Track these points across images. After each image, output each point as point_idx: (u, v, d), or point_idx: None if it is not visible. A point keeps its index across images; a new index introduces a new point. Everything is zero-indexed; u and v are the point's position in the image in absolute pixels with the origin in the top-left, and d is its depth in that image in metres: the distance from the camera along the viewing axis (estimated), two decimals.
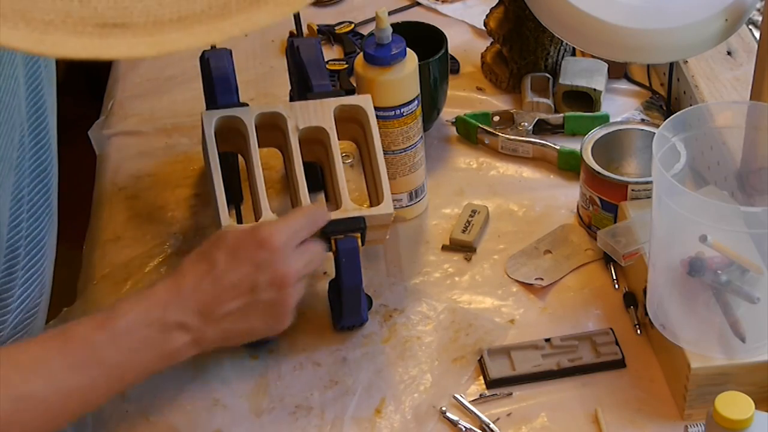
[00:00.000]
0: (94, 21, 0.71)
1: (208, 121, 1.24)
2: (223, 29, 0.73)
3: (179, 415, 1.19)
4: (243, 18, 0.73)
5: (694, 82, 1.47)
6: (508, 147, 1.48)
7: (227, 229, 1.15)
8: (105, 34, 0.71)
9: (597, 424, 1.17)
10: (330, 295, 1.29)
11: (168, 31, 0.72)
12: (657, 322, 1.18)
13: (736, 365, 1.13)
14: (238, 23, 0.73)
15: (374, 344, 1.26)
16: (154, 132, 1.54)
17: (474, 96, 1.58)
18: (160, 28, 0.72)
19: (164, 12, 0.72)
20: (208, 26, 0.72)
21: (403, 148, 1.35)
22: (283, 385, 1.22)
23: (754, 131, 1.19)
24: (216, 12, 0.73)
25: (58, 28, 0.70)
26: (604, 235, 1.24)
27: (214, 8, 0.73)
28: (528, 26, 1.51)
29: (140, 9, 0.71)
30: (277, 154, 1.31)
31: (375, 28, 1.30)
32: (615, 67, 1.55)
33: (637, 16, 1.32)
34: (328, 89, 1.30)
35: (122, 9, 0.71)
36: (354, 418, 1.19)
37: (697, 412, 1.15)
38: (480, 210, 1.39)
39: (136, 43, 0.71)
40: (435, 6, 1.74)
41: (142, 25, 0.71)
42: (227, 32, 0.73)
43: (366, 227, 1.21)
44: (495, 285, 1.32)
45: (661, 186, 1.11)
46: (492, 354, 1.23)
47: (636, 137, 1.36)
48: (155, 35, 0.72)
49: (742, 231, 1.09)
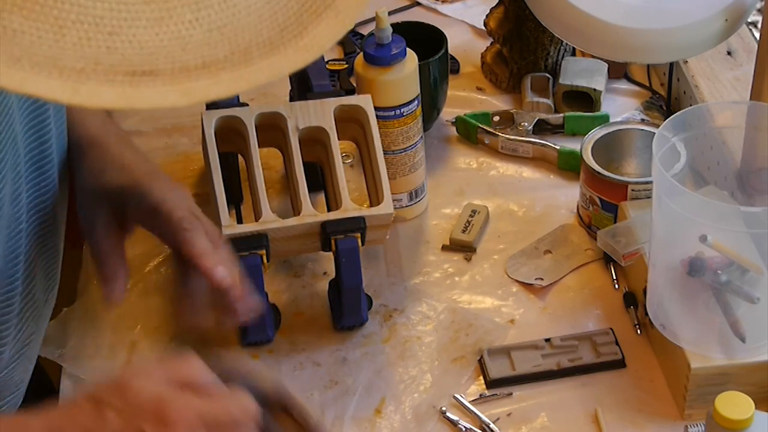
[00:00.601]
0: (123, 68, 0.71)
1: (208, 121, 1.24)
2: (249, 77, 0.73)
3: None
4: (266, 64, 0.74)
5: (694, 82, 1.47)
6: (508, 147, 1.48)
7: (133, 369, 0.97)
8: (135, 82, 0.71)
9: (597, 424, 1.17)
10: (330, 295, 1.29)
11: (195, 78, 0.72)
12: (657, 322, 1.18)
13: (736, 365, 1.13)
14: (262, 70, 0.73)
15: (374, 344, 1.26)
16: (154, 132, 1.54)
17: (474, 96, 1.58)
18: (186, 74, 0.72)
19: (188, 58, 0.72)
20: (234, 74, 0.73)
21: (403, 148, 1.35)
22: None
23: (754, 131, 1.19)
24: (239, 58, 0.73)
25: (90, 78, 0.70)
26: (604, 235, 1.24)
27: (236, 54, 0.73)
28: (528, 26, 1.51)
29: (165, 55, 0.72)
30: (277, 154, 1.31)
31: (375, 28, 1.30)
32: (615, 67, 1.55)
33: (637, 16, 1.32)
34: (328, 89, 1.30)
35: (148, 55, 0.71)
36: (354, 418, 1.19)
37: (697, 412, 1.15)
38: (480, 210, 1.39)
39: (166, 92, 0.72)
40: (435, 6, 1.74)
41: (169, 72, 0.72)
42: (253, 80, 0.73)
43: (366, 227, 1.21)
44: (495, 285, 1.32)
45: (661, 186, 1.11)
46: (492, 354, 1.23)
47: (636, 137, 1.36)
48: (184, 83, 0.72)
49: (742, 231, 1.09)
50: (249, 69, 0.73)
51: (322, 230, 1.21)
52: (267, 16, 0.74)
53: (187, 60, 0.72)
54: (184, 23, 0.72)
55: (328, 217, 1.21)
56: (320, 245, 1.23)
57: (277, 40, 0.74)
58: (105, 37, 0.71)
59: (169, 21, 0.72)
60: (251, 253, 1.19)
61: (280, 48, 0.74)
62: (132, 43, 0.71)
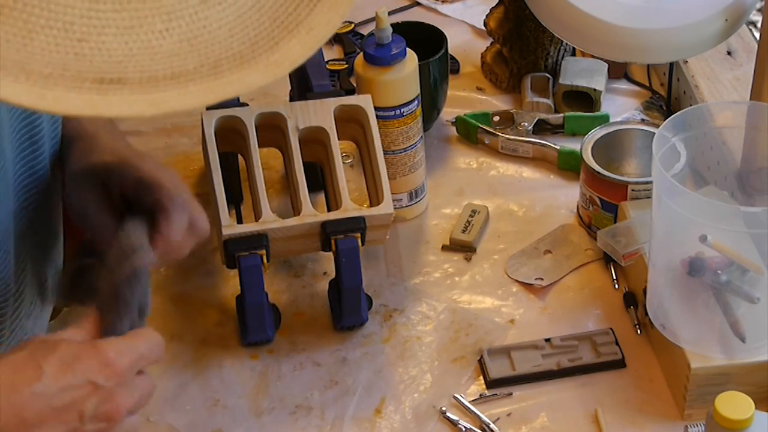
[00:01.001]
0: (91, 75, 0.71)
1: (208, 121, 1.24)
2: (217, 90, 0.73)
3: (179, 415, 1.19)
4: (236, 78, 0.73)
5: (694, 82, 1.47)
6: (508, 147, 1.48)
7: (68, 336, 0.92)
8: (103, 90, 0.71)
9: (597, 424, 1.17)
10: (330, 295, 1.29)
11: (163, 88, 0.72)
12: (657, 322, 1.18)
13: (736, 365, 1.13)
14: (231, 83, 0.73)
15: (374, 344, 1.26)
16: (154, 132, 1.54)
17: (474, 96, 1.58)
18: (155, 84, 0.72)
19: (157, 68, 0.72)
20: (203, 86, 0.73)
21: (403, 148, 1.35)
22: (283, 385, 1.22)
23: (754, 131, 1.19)
24: (208, 71, 0.73)
25: (58, 83, 0.70)
26: (604, 235, 1.24)
27: (205, 66, 0.73)
28: (528, 26, 1.51)
29: (134, 64, 0.71)
30: (277, 154, 1.31)
31: (375, 28, 1.30)
32: (615, 67, 1.55)
33: (637, 16, 1.32)
34: (328, 89, 1.30)
35: (116, 63, 0.71)
36: (354, 418, 1.19)
37: (697, 412, 1.15)
38: (480, 210, 1.39)
39: (134, 101, 0.71)
40: (435, 6, 1.74)
41: (137, 81, 0.71)
42: (222, 93, 0.73)
43: (366, 227, 1.21)
44: (495, 285, 1.32)
45: (661, 186, 1.11)
46: (492, 354, 1.23)
47: (636, 137, 1.36)
48: (152, 93, 0.72)
49: (742, 231, 1.09)
50: (218, 81, 0.73)
51: (322, 230, 1.21)
52: (238, 30, 0.74)
53: (156, 70, 0.72)
54: (155, 33, 0.72)
55: (328, 217, 1.21)
56: (320, 245, 1.23)
57: (248, 54, 0.74)
58: (74, 43, 0.70)
59: (139, 30, 0.71)
60: (251, 253, 1.19)
61: (250, 62, 0.74)
62: (101, 50, 0.71)
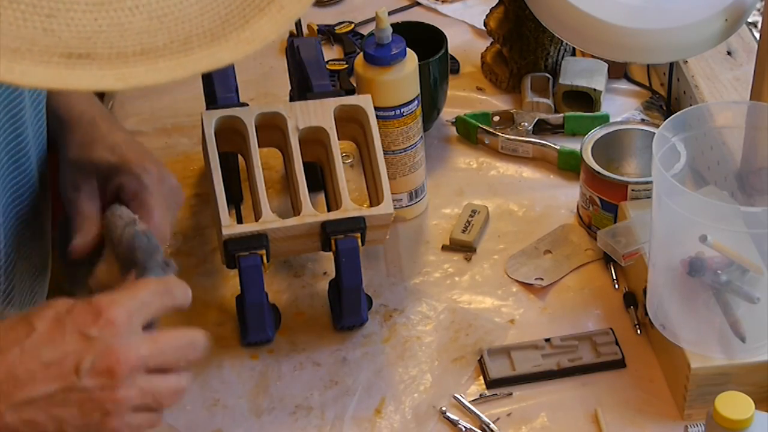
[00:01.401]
0: (59, 50, 0.71)
1: (208, 121, 1.24)
2: (187, 65, 0.73)
3: (179, 415, 1.19)
4: (206, 54, 0.74)
5: (694, 82, 1.47)
6: (508, 147, 1.48)
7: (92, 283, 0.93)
8: (71, 64, 0.71)
9: (597, 424, 1.17)
10: (330, 295, 1.29)
11: (132, 64, 0.72)
12: (657, 322, 1.18)
13: (736, 365, 1.13)
14: (201, 59, 0.73)
15: (374, 344, 1.26)
16: (154, 132, 1.54)
17: (474, 96, 1.58)
18: (124, 60, 0.72)
19: (126, 44, 0.72)
20: (172, 62, 0.73)
21: (403, 148, 1.35)
22: (283, 385, 1.22)
23: (754, 131, 1.19)
24: (178, 47, 0.73)
25: (25, 57, 0.70)
26: (604, 235, 1.24)
27: (175, 43, 0.73)
28: (528, 26, 1.51)
29: (103, 40, 0.72)
30: (277, 154, 1.31)
31: (375, 28, 1.30)
32: (615, 67, 1.55)
33: (637, 16, 1.32)
34: (328, 89, 1.30)
35: (85, 39, 0.71)
36: (354, 418, 1.19)
37: (697, 412, 1.15)
38: (480, 210, 1.39)
39: (102, 76, 0.72)
40: (435, 6, 1.74)
41: (106, 56, 0.72)
42: (191, 69, 0.73)
43: (366, 227, 1.21)
44: (495, 285, 1.32)
45: (661, 186, 1.11)
46: (492, 354, 1.23)
47: (636, 137, 1.36)
48: (120, 68, 0.72)
49: (742, 231, 1.09)
50: (188, 58, 0.73)
51: (322, 230, 1.21)
52: (209, 8, 0.74)
53: (125, 46, 0.72)
54: (124, 10, 0.72)
55: (328, 217, 1.21)
56: (320, 245, 1.23)
57: (219, 31, 0.74)
58: (42, 18, 0.71)
59: (108, 7, 0.72)
60: (251, 253, 1.19)
61: (221, 39, 0.74)
62: (69, 26, 0.71)
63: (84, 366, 0.84)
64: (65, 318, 0.85)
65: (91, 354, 0.84)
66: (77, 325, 0.85)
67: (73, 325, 0.85)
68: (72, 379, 0.84)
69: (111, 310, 0.86)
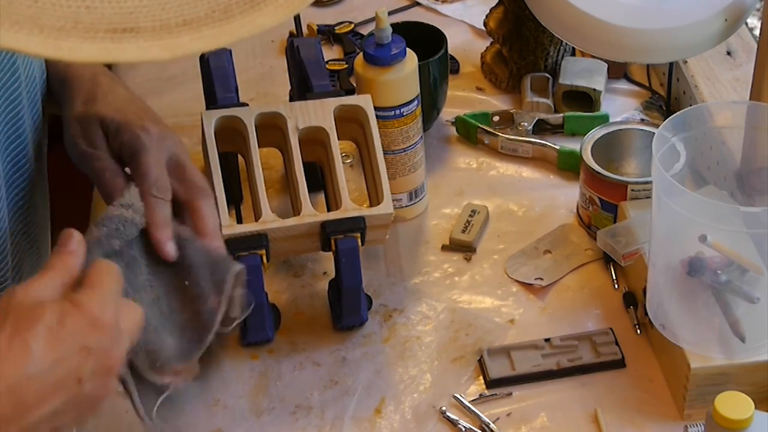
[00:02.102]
0: (103, 27, 0.72)
1: (208, 121, 1.24)
2: (230, 32, 0.74)
3: (179, 415, 1.19)
4: (247, 20, 0.75)
5: (694, 82, 1.47)
6: (508, 147, 1.48)
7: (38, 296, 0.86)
8: (117, 38, 0.72)
9: (597, 424, 1.17)
10: (330, 295, 1.29)
11: (177, 34, 0.73)
12: (657, 322, 1.18)
13: (736, 365, 1.13)
14: (243, 25, 0.75)
15: (374, 344, 1.26)
16: None
17: (474, 96, 1.58)
18: (168, 31, 0.73)
19: (168, 16, 0.73)
20: (215, 29, 0.74)
21: (402, 148, 1.35)
22: (283, 385, 1.22)
23: (753, 131, 1.19)
24: (219, 16, 0.74)
25: (71, 34, 0.71)
26: (604, 235, 1.24)
27: (216, 12, 0.74)
28: (528, 26, 1.51)
29: (145, 14, 0.73)
30: (277, 154, 1.31)
31: (375, 28, 1.30)
32: (615, 67, 1.55)
33: (637, 16, 1.32)
34: (328, 89, 1.30)
35: (128, 14, 0.72)
36: (354, 418, 1.19)
37: (697, 412, 1.15)
38: (480, 210, 1.39)
39: (148, 47, 0.73)
40: (435, 6, 1.74)
41: (150, 29, 0.73)
42: (235, 35, 0.74)
43: (366, 227, 1.21)
44: (495, 285, 1.32)
45: (661, 186, 1.11)
46: (492, 354, 1.23)
47: (636, 137, 1.36)
48: (166, 38, 0.73)
49: (742, 231, 1.09)
50: (230, 25, 0.74)
51: (322, 230, 1.21)
52: None
53: (167, 18, 0.73)
54: None
55: (328, 217, 1.21)
56: (320, 245, 1.23)
57: None
58: None
59: None
60: (251, 253, 1.19)
61: (260, 5, 0.75)
62: (111, 3, 0.72)
63: (85, 375, 0.85)
64: (60, 332, 0.84)
65: (91, 362, 0.85)
66: (76, 340, 0.85)
67: (72, 340, 0.84)
68: (75, 389, 0.85)
69: (105, 316, 0.86)
